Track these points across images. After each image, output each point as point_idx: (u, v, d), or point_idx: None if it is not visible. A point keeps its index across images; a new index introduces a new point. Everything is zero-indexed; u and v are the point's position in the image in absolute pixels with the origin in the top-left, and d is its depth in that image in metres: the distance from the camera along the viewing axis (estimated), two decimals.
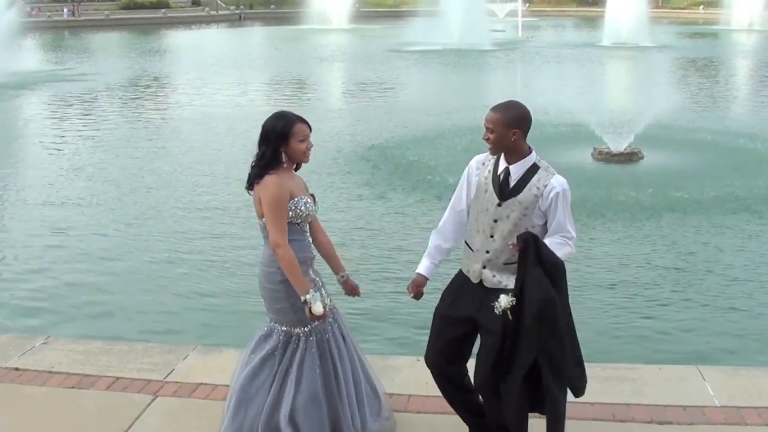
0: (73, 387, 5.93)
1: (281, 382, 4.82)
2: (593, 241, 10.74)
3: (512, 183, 4.58)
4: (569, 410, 5.43)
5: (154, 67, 36.64)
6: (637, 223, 11.60)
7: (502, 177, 4.61)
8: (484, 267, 4.66)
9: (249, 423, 4.83)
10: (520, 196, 4.54)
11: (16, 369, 6.22)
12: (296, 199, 4.75)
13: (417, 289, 4.90)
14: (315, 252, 4.97)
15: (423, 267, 4.92)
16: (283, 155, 4.76)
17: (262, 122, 4.82)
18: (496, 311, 4.38)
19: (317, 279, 4.93)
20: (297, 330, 4.83)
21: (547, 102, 17.91)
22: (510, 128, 4.48)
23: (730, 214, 11.96)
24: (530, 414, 4.70)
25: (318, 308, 4.66)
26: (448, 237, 4.89)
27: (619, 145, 16.12)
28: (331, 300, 4.95)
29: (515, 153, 4.56)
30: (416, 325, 8.04)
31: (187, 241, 11.10)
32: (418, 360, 6.28)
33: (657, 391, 5.73)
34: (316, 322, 4.78)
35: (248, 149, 16.61)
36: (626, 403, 5.55)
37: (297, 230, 4.81)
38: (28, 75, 31.29)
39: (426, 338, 7.48)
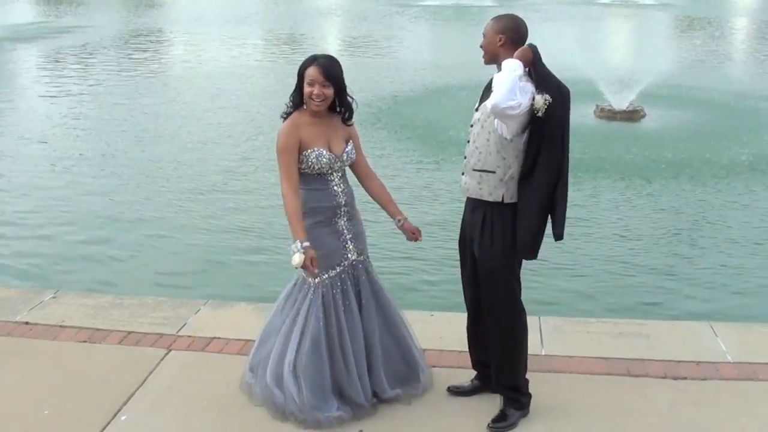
0: (85, 341, 5.91)
1: (288, 329, 4.85)
2: (596, 198, 10.74)
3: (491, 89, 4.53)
4: (584, 365, 5.47)
5: (147, 21, 36.27)
6: (639, 181, 11.58)
7: (486, 85, 4.62)
8: (463, 173, 4.70)
9: (263, 361, 4.95)
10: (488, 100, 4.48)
11: (26, 323, 6.19)
12: (308, 151, 4.65)
13: None
14: (344, 200, 4.83)
15: None
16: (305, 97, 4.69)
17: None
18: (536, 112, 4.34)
19: (345, 231, 4.86)
20: (309, 278, 4.82)
21: (547, 59, 17.65)
22: (498, 33, 4.51)
23: (734, 173, 11.93)
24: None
25: (294, 260, 4.57)
26: None
27: (621, 102, 16.08)
28: (360, 255, 4.92)
29: (501, 61, 4.48)
30: (430, 280, 8.11)
31: (197, 194, 11.05)
32: (432, 315, 6.31)
33: (670, 347, 5.73)
34: (326, 276, 4.76)
35: (242, 106, 16.68)
36: (640, 359, 5.55)
37: (317, 180, 4.74)
38: (23, 28, 30.91)
39: (440, 293, 7.61)
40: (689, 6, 45.40)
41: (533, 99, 4.32)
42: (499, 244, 4.58)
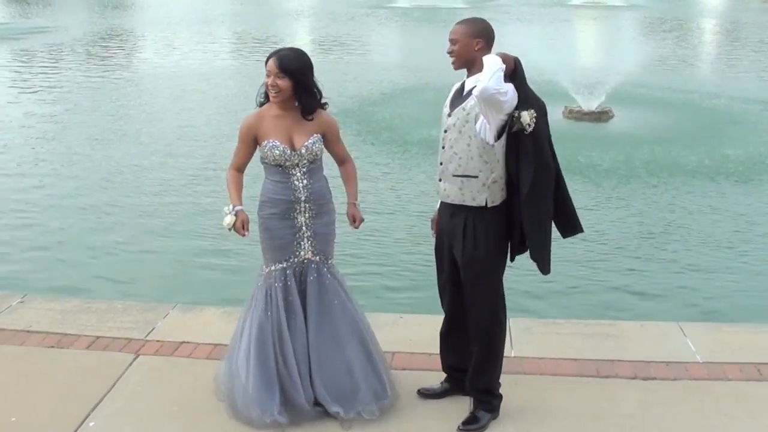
0: (52, 346, 5.83)
1: (244, 316, 4.93)
2: None
3: (464, 93, 4.55)
4: (554, 367, 5.48)
5: (113, 22, 36.02)
6: (608, 182, 11.62)
7: (457, 90, 4.64)
8: (440, 180, 4.67)
9: (233, 353, 4.99)
10: (464, 103, 4.50)
11: None
12: (264, 142, 4.73)
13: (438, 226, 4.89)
14: (305, 196, 4.77)
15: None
16: None
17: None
18: (521, 128, 4.35)
19: (304, 228, 4.82)
20: (264, 266, 4.89)
21: None
22: (474, 38, 4.47)
23: (703, 173, 12.00)
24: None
25: (225, 221, 4.75)
26: None
27: (589, 103, 16.16)
28: (315, 256, 4.88)
29: (476, 65, 4.46)
30: (398, 283, 8.09)
31: (163, 197, 10.96)
32: (401, 317, 6.30)
33: (640, 348, 5.76)
34: (273, 268, 4.80)
35: (207, 107, 16.60)
36: (610, 360, 5.57)
37: (278, 172, 4.76)
38: None
39: (409, 296, 7.60)
40: (657, 7, 45.81)
41: (518, 115, 4.32)
42: (482, 248, 4.56)
